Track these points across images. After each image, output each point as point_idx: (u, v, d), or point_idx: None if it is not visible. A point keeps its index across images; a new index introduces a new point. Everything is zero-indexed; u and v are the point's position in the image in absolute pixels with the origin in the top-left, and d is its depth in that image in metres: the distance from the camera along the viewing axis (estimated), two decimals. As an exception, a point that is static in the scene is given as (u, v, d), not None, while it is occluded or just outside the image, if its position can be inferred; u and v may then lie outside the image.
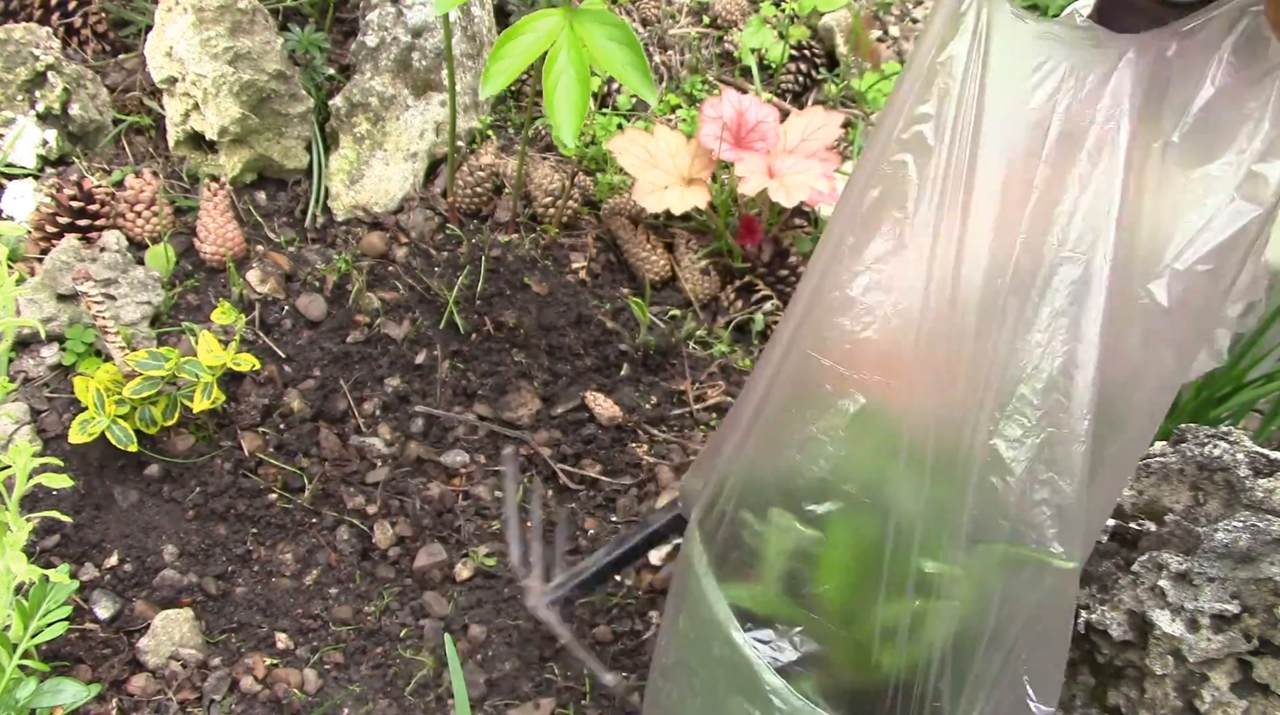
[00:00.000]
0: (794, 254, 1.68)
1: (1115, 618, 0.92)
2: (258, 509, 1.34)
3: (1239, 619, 0.88)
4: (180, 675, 1.20)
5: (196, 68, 1.52)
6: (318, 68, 1.69)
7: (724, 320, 1.65)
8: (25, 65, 1.55)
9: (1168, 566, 0.90)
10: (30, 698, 0.96)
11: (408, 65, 1.64)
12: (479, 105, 1.77)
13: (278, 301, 1.51)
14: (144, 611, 1.24)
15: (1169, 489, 0.97)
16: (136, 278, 1.44)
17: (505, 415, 1.48)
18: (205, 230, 1.51)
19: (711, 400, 1.55)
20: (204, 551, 1.31)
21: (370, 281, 1.54)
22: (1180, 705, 0.89)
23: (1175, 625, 0.88)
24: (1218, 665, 0.88)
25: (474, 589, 1.33)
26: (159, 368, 1.27)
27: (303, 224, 1.62)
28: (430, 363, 1.50)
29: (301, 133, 1.63)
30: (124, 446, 1.26)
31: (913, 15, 2.21)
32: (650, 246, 1.65)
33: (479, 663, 1.27)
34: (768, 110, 1.62)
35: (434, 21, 1.64)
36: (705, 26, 2.02)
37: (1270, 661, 0.87)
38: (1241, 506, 0.91)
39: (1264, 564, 0.87)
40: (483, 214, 1.67)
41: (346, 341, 1.49)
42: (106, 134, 1.64)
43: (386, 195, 1.64)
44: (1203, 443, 0.94)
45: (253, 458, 1.37)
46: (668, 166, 1.59)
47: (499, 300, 1.54)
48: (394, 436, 1.44)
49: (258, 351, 1.45)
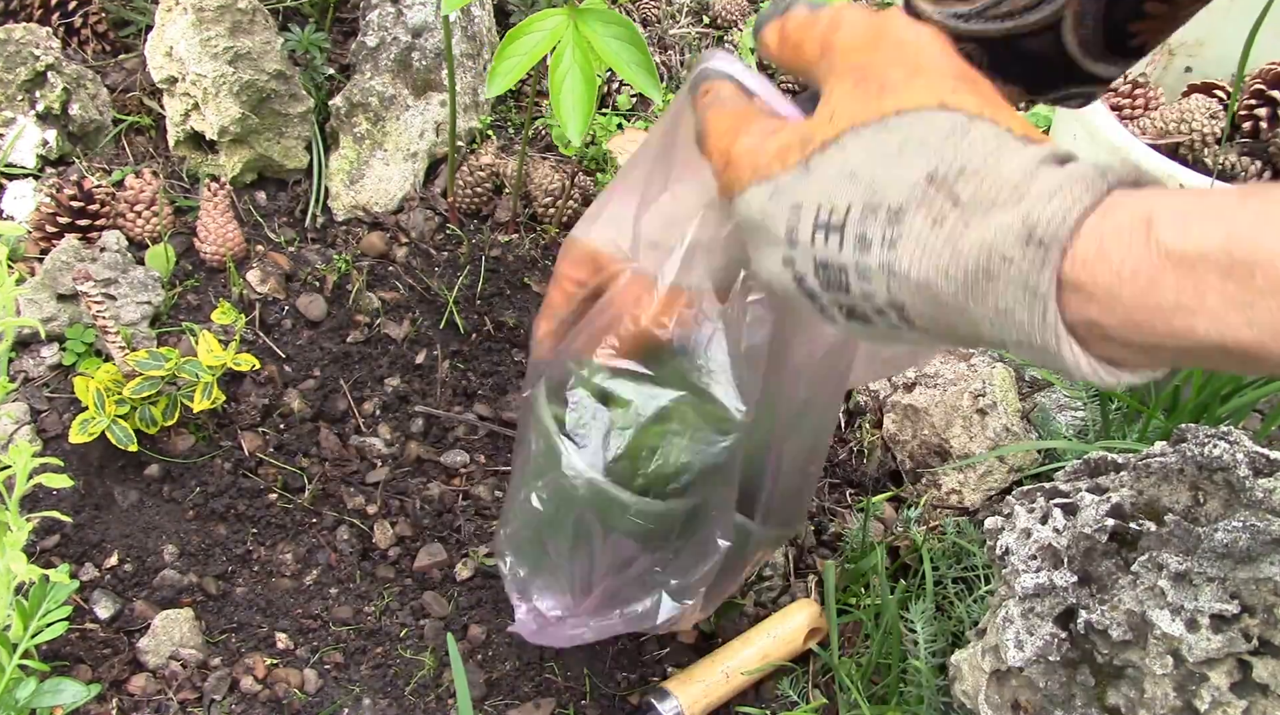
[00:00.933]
0: (794, 254, 1.68)
1: (1115, 618, 0.92)
2: (258, 509, 1.34)
3: (1239, 619, 0.88)
4: (180, 675, 1.20)
5: (196, 68, 1.52)
6: (318, 68, 1.69)
7: (724, 320, 1.65)
8: (25, 65, 1.55)
9: (1167, 566, 0.90)
10: (30, 698, 0.96)
11: (408, 65, 1.64)
12: (479, 105, 1.78)
13: (278, 301, 1.51)
14: (144, 611, 1.24)
15: (1169, 489, 0.97)
16: (136, 278, 1.44)
17: (505, 415, 1.48)
18: (205, 230, 1.51)
19: (711, 400, 1.55)
20: (204, 551, 1.31)
21: (370, 281, 1.54)
22: (1180, 705, 0.89)
23: (1175, 625, 0.88)
24: (1217, 665, 0.88)
25: (474, 589, 1.33)
26: (159, 368, 1.27)
27: (303, 224, 1.62)
28: (430, 363, 1.50)
29: (301, 133, 1.63)
30: (124, 446, 1.27)
31: (913, 15, 2.21)
32: (650, 246, 1.65)
33: (479, 663, 1.27)
34: (768, 110, 1.62)
35: (434, 21, 1.64)
36: (705, 26, 2.02)
37: (1270, 661, 0.87)
38: (1241, 506, 0.91)
39: (1264, 564, 0.87)
40: (483, 214, 1.67)
41: (346, 341, 1.49)
42: (106, 134, 1.64)
43: (386, 195, 1.64)
44: (1203, 443, 0.94)
45: (253, 458, 1.37)
46: (668, 166, 1.58)
47: (499, 300, 1.54)
48: (394, 436, 1.44)
49: (258, 351, 1.45)
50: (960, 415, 1.45)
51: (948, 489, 1.43)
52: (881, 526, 1.42)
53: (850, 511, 1.45)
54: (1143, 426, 1.36)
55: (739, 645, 1.25)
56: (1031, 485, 1.06)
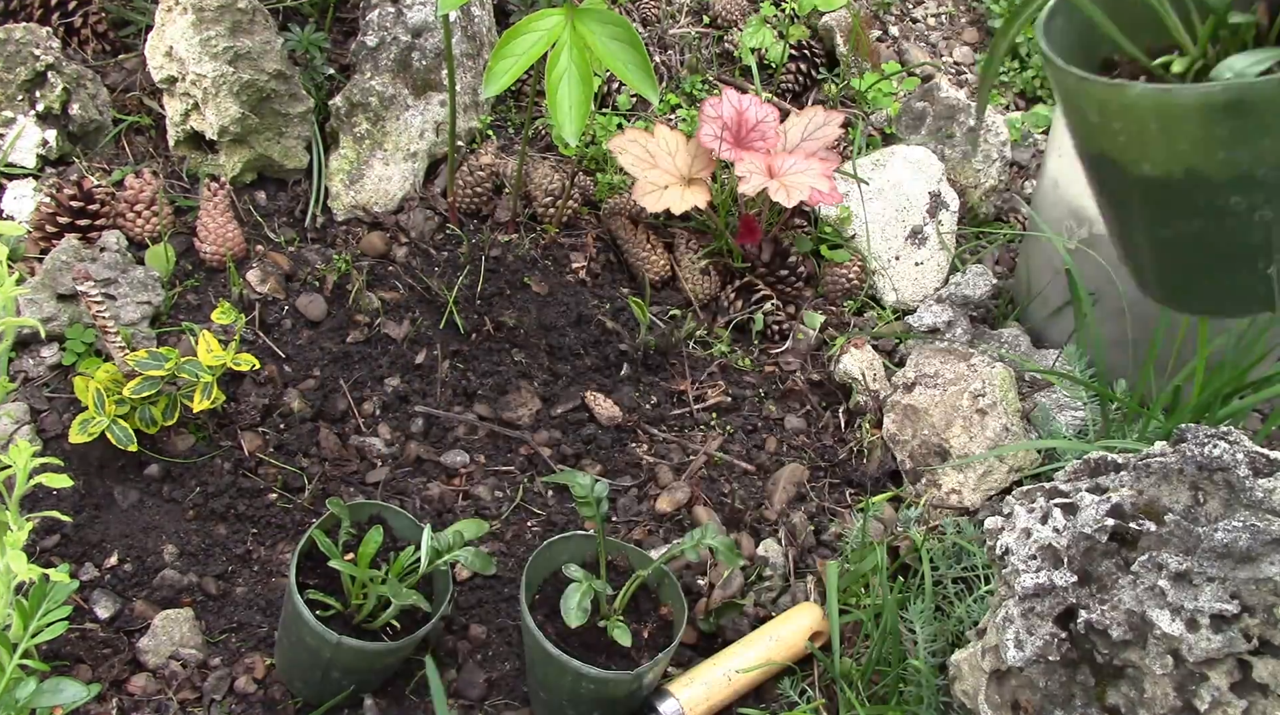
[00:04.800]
0: (794, 254, 1.68)
1: (1115, 617, 0.92)
2: (258, 509, 1.34)
3: (1238, 619, 0.88)
4: (180, 675, 1.20)
5: (196, 68, 1.52)
6: (318, 68, 1.69)
7: (724, 320, 1.65)
8: (25, 65, 1.55)
9: (1167, 566, 0.90)
10: (30, 697, 0.95)
11: (408, 65, 1.64)
12: (479, 105, 1.77)
13: (278, 301, 1.51)
14: (144, 611, 1.24)
15: (1169, 489, 0.97)
16: (136, 278, 1.44)
17: (505, 415, 1.48)
18: (205, 230, 1.51)
19: (711, 400, 1.55)
20: (204, 551, 1.31)
21: (370, 281, 1.54)
22: (1179, 705, 0.89)
23: (1175, 625, 0.88)
24: (1217, 665, 0.88)
25: (474, 589, 1.33)
26: (159, 368, 1.27)
27: (303, 224, 1.62)
28: (430, 363, 1.50)
29: (301, 132, 1.63)
30: (124, 446, 1.26)
31: (913, 15, 2.21)
32: (650, 246, 1.65)
33: (479, 663, 1.27)
34: (768, 110, 1.62)
35: (434, 21, 1.64)
36: (705, 26, 2.02)
37: (1270, 661, 0.87)
38: (1241, 506, 0.91)
39: (1264, 564, 0.87)
40: (483, 214, 1.67)
41: (346, 341, 1.49)
42: (106, 134, 1.64)
43: (386, 195, 1.64)
44: (1203, 443, 0.94)
45: (253, 458, 1.37)
46: (667, 166, 1.58)
47: (499, 300, 1.54)
48: (394, 436, 1.44)
49: (258, 351, 1.45)
50: (960, 415, 1.45)
51: (948, 489, 1.43)
52: (881, 526, 1.42)
53: (850, 511, 1.45)
54: (1143, 426, 1.36)
55: (741, 647, 1.25)
56: (1031, 485, 1.06)
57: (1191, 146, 0.48)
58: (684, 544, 1.17)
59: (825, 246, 1.72)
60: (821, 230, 1.74)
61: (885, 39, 2.13)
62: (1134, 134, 0.49)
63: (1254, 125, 0.47)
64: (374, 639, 1.15)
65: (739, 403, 1.56)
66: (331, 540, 1.14)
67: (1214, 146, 0.48)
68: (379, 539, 1.15)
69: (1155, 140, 0.48)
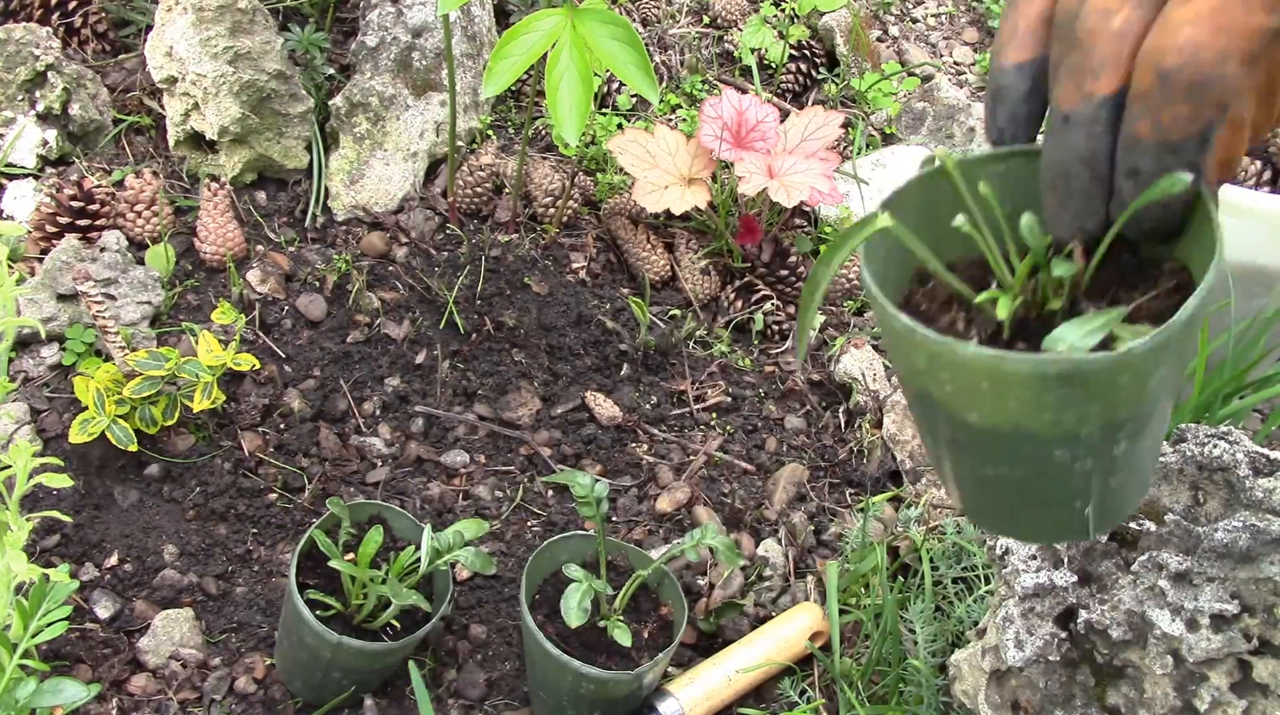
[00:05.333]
0: (794, 254, 1.68)
1: (1115, 617, 0.92)
2: (258, 509, 1.34)
3: (1238, 619, 0.88)
4: (180, 675, 1.20)
5: (196, 68, 1.52)
6: (318, 68, 1.69)
7: (724, 320, 1.65)
8: (25, 65, 1.55)
9: (1167, 566, 0.90)
10: (30, 697, 0.95)
11: (408, 65, 1.64)
12: (479, 105, 1.77)
13: (278, 301, 1.51)
14: (144, 611, 1.24)
15: (1169, 489, 0.97)
16: (136, 278, 1.44)
17: (505, 415, 1.48)
18: (205, 230, 1.51)
19: (711, 400, 1.55)
20: (204, 551, 1.31)
21: (370, 281, 1.54)
22: (1179, 705, 0.89)
23: (1175, 625, 0.88)
24: (1217, 665, 0.88)
25: (474, 589, 1.33)
26: (159, 368, 1.27)
27: (303, 224, 1.62)
28: (430, 363, 1.50)
29: (301, 132, 1.63)
30: (124, 446, 1.26)
31: (913, 15, 2.21)
32: (650, 246, 1.65)
33: (479, 663, 1.27)
34: (768, 110, 1.62)
35: (434, 21, 1.64)
36: (705, 26, 2.02)
37: (1270, 661, 0.87)
38: (1241, 506, 0.91)
39: (1264, 564, 0.87)
40: (483, 214, 1.67)
41: (346, 341, 1.49)
42: (106, 134, 1.64)
43: (386, 195, 1.64)
44: (1203, 443, 0.94)
45: (253, 458, 1.37)
46: (668, 166, 1.58)
47: (499, 300, 1.54)
48: (394, 436, 1.44)
49: (258, 351, 1.45)
50: (960, 415, 1.45)
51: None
52: (881, 526, 1.42)
53: (850, 511, 1.45)
54: (1143, 426, 1.36)
55: (741, 647, 1.25)
56: (1031, 485, 1.06)
57: (1020, 407, 0.49)
58: (684, 544, 1.17)
59: (825, 246, 1.73)
60: (822, 230, 1.74)
61: (885, 39, 2.13)
62: (963, 387, 0.49)
63: (1083, 394, 0.48)
64: (374, 639, 1.15)
65: (739, 403, 1.56)
66: (331, 540, 1.14)
67: (1043, 410, 0.49)
68: (379, 539, 1.15)
69: (985, 396, 0.49)
